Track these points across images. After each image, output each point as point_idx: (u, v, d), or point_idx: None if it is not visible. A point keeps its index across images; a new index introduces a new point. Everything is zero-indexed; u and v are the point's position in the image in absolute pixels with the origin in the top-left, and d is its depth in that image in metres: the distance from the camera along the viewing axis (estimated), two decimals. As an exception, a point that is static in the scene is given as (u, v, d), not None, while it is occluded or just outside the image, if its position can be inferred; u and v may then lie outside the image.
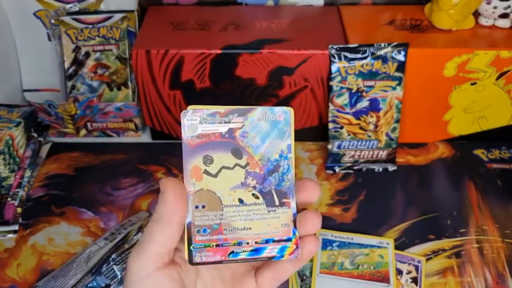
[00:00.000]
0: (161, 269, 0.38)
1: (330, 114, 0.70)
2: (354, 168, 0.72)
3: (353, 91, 0.69)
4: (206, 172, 0.39)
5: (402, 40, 0.68)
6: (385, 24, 0.74)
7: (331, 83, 0.69)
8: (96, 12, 0.76)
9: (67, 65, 0.76)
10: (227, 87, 0.71)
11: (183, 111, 0.39)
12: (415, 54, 0.67)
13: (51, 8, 0.76)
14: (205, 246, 0.39)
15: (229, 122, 0.39)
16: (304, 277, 0.60)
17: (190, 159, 0.39)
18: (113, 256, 0.56)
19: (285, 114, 0.40)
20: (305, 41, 0.70)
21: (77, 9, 0.76)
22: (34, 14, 0.77)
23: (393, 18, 0.75)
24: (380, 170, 0.72)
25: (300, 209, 0.41)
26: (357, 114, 0.70)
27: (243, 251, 0.39)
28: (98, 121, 0.76)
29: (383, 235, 0.64)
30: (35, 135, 0.74)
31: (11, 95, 0.80)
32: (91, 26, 0.75)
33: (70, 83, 0.76)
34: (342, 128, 0.71)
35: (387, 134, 0.71)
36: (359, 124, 0.70)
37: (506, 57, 0.68)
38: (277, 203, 0.40)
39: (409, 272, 0.60)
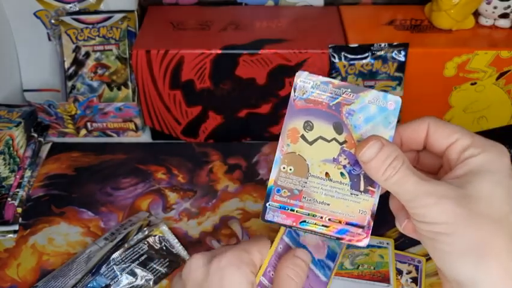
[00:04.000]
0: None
1: (330, 114, 0.70)
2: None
3: (353, 91, 0.69)
4: (303, 137, 0.39)
5: (402, 40, 0.68)
6: (385, 24, 0.74)
7: (331, 83, 0.69)
8: (96, 12, 0.76)
9: (67, 65, 0.76)
10: (227, 87, 0.71)
11: (299, 72, 0.39)
12: (415, 54, 0.67)
13: (52, 8, 0.76)
14: (280, 208, 0.39)
15: (340, 96, 0.39)
16: (305, 277, 0.60)
17: (291, 120, 0.39)
18: (113, 256, 0.56)
19: (396, 104, 0.39)
20: (305, 41, 0.70)
21: (77, 9, 0.76)
22: (34, 14, 0.77)
23: (393, 18, 0.75)
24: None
25: None
26: (357, 114, 0.70)
27: (315, 224, 0.39)
28: (98, 121, 0.76)
29: (383, 235, 0.64)
30: (35, 135, 0.74)
31: (11, 95, 0.80)
32: (91, 26, 0.75)
33: (70, 83, 0.76)
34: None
35: (387, 134, 0.71)
36: (359, 124, 0.70)
37: (506, 57, 0.68)
38: (362, 188, 0.39)
39: (409, 272, 0.60)
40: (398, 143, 0.41)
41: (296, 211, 0.39)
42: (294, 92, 0.39)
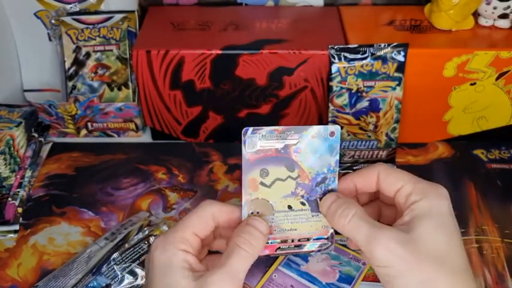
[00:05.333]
0: (184, 253, 0.41)
1: (330, 115, 0.70)
2: (354, 168, 0.72)
3: (353, 91, 0.69)
4: (262, 183, 0.44)
5: (402, 40, 0.68)
6: (385, 24, 0.74)
7: (331, 83, 0.69)
8: (96, 12, 0.76)
9: (67, 65, 0.76)
10: (227, 87, 0.71)
11: (244, 129, 0.43)
12: (415, 54, 0.68)
13: (52, 8, 0.76)
14: None
15: (286, 139, 0.44)
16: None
17: (248, 172, 0.44)
18: (113, 256, 0.56)
19: (336, 132, 0.44)
20: (305, 42, 0.70)
21: (77, 9, 0.76)
22: (35, 14, 0.77)
23: (393, 19, 0.75)
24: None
25: None
26: (357, 115, 0.70)
27: (288, 247, 0.45)
28: (98, 121, 0.76)
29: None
30: (36, 135, 0.74)
31: (12, 95, 0.80)
32: (91, 26, 0.75)
33: (70, 83, 0.76)
34: (342, 128, 0.71)
35: (387, 134, 0.71)
36: (358, 124, 0.70)
37: (506, 58, 0.68)
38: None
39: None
40: (352, 189, 0.46)
41: (270, 242, 0.45)
42: (245, 147, 0.43)
